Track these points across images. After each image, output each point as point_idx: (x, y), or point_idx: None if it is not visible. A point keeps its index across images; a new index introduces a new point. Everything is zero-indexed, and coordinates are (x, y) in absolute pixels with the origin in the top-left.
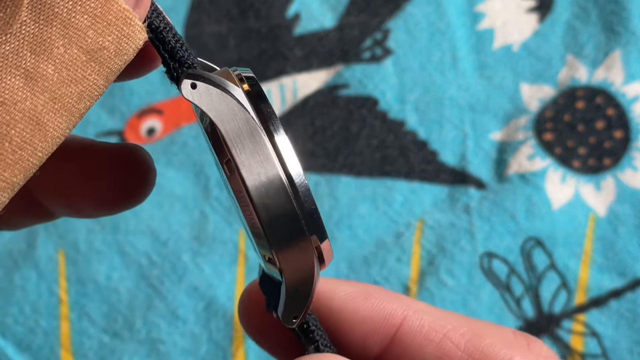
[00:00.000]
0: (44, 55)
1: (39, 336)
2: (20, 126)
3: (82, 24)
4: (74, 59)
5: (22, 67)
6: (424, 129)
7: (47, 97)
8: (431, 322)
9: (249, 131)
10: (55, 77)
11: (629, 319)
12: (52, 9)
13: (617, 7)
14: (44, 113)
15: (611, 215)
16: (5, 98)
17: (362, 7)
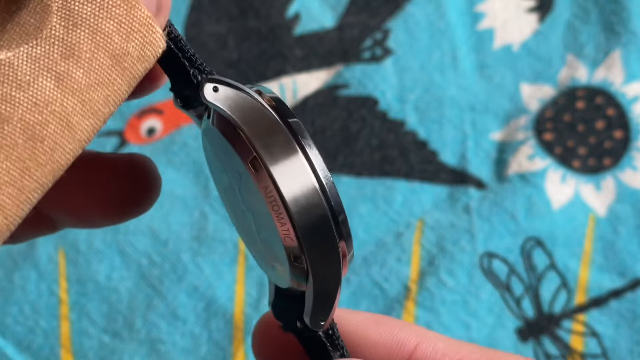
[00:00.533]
0: (73, 59)
1: (39, 336)
2: (52, 127)
3: (108, 29)
4: (101, 63)
5: (53, 70)
6: (424, 129)
7: (76, 99)
8: (444, 349)
9: (275, 131)
10: (83, 81)
11: (629, 319)
12: (80, 15)
13: (617, 7)
14: (73, 115)
15: (611, 215)
16: (38, 99)
17: (362, 7)
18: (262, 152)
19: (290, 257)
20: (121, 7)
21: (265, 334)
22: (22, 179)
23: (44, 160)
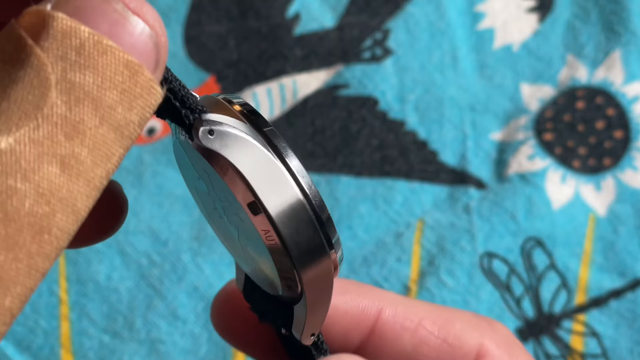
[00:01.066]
0: (78, 139)
1: (39, 336)
2: (59, 216)
3: (112, 100)
4: (105, 138)
5: (58, 154)
6: (424, 129)
7: (81, 181)
8: (405, 312)
9: (269, 168)
10: (89, 160)
11: (629, 319)
12: (82, 88)
13: (617, 7)
14: (79, 198)
15: (611, 215)
16: (44, 189)
17: (362, 7)
18: (263, 200)
19: (284, 279)
20: (124, 74)
21: (227, 306)
22: (29, 276)
23: (50, 250)
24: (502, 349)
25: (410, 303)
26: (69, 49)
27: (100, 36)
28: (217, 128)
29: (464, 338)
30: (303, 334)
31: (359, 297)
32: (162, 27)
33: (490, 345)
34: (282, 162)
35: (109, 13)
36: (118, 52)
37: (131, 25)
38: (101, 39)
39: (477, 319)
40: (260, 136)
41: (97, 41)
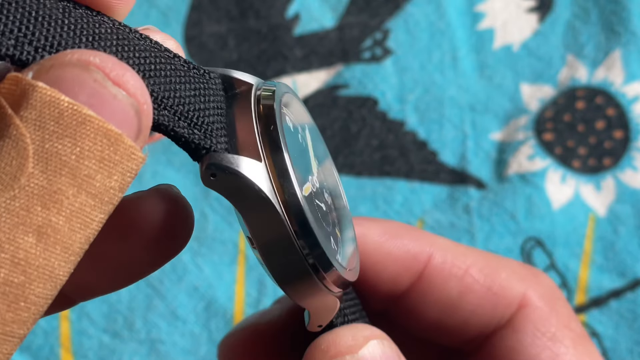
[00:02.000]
0: (54, 208)
1: (39, 336)
2: (36, 284)
3: (91, 169)
4: (83, 206)
5: (34, 224)
6: (424, 129)
7: (59, 249)
8: (453, 259)
9: (262, 209)
10: (66, 228)
11: (629, 319)
12: (59, 158)
13: (617, 7)
14: (56, 265)
15: (611, 215)
16: (20, 258)
17: (362, 7)
18: (253, 237)
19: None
20: (103, 143)
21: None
22: (4, 342)
23: (27, 317)
24: (545, 301)
25: (460, 250)
26: (48, 118)
27: (79, 106)
28: (220, 174)
29: (508, 287)
30: (310, 324)
31: (410, 242)
32: (143, 94)
33: (533, 297)
34: (280, 200)
35: (88, 83)
36: (97, 121)
37: (111, 94)
38: (80, 109)
39: (524, 269)
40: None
41: (76, 111)
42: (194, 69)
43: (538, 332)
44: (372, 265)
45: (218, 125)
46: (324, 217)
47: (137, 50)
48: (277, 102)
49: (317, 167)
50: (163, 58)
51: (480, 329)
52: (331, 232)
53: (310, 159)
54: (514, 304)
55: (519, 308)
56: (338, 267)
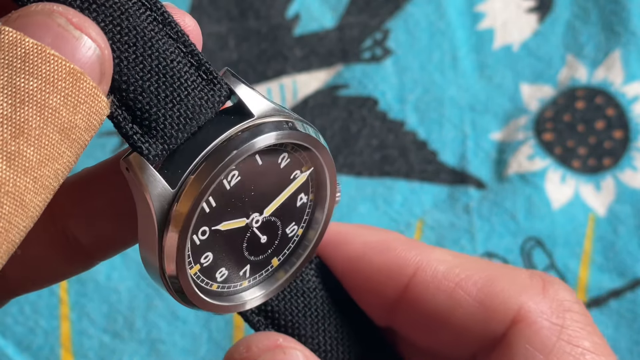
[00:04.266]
0: (23, 138)
1: (39, 336)
2: (7, 208)
3: (56, 103)
4: (50, 139)
5: (4, 150)
6: (424, 129)
7: (28, 178)
8: (444, 272)
9: (147, 227)
10: (34, 158)
11: (629, 319)
12: (26, 91)
13: (617, 7)
14: (26, 193)
15: (611, 215)
16: None
17: (362, 7)
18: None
19: None
20: (67, 80)
21: None
22: None
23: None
24: (548, 315)
25: (456, 261)
26: (14, 57)
27: (43, 46)
28: (130, 172)
29: (503, 301)
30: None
31: (398, 253)
32: (104, 40)
33: (531, 311)
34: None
35: (52, 27)
36: (61, 60)
37: (74, 38)
38: (45, 49)
39: (530, 279)
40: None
41: (41, 50)
42: (197, 69)
43: (530, 349)
44: (353, 273)
45: (167, 133)
46: (254, 246)
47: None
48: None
49: (272, 206)
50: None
51: (476, 345)
52: (254, 260)
53: (261, 198)
54: (507, 319)
55: (512, 323)
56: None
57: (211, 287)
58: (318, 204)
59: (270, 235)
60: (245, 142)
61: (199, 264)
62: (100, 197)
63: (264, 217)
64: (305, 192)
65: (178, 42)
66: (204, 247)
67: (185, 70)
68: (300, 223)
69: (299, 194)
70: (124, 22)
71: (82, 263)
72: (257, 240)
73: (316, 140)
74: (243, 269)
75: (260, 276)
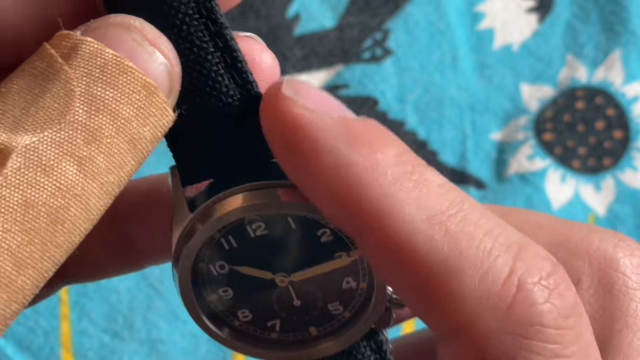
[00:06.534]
0: (95, 144)
1: (39, 336)
2: (73, 211)
3: (128, 114)
4: (120, 148)
5: (76, 155)
6: (424, 129)
7: (95, 183)
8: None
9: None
10: (103, 165)
11: None
12: (102, 100)
13: (617, 7)
14: (92, 198)
15: (611, 215)
16: (61, 184)
17: (362, 7)
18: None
19: None
20: (141, 93)
21: None
22: (42, 261)
23: (62, 241)
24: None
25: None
26: (93, 67)
27: (122, 58)
28: (171, 181)
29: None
30: None
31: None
32: (176, 58)
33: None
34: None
35: (128, 41)
36: (137, 73)
37: (147, 53)
38: (123, 60)
39: (609, 234)
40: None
41: (120, 62)
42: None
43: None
44: None
45: (202, 171)
46: (286, 304)
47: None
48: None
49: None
50: (218, 83)
51: None
52: (286, 318)
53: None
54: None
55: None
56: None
57: (232, 322)
58: (371, 296)
59: (306, 302)
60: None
61: (217, 294)
62: (161, 207)
63: (292, 281)
64: (354, 278)
65: (242, 87)
66: (223, 280)
67: (241, 116)
68: (347, 306)
69: (344, 277)
70: (191, 55)
71: (133, 265)
72: (289, 300)
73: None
74: (272, 322)
75: (292, 337)
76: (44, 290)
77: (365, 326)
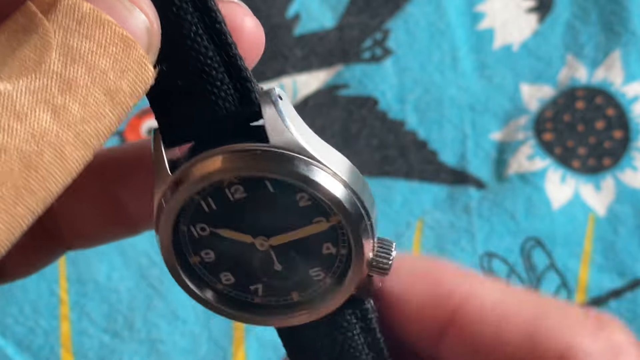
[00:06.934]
0: (70, 93)
1: (39, 336)
2: (46, 157)
3: (105, 66)
4: (96, 98)
5: (51, 103)
6: (424, 129)
7: (70, 132)
8: (492, 305)
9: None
10: (79, 114)
11: (629, 319)
12: (78, 52)
13: (617, 7)
14: (67, 146)
15: (611, 215)
16: (35, 131)
17: (362, 7)
18: None
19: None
20: (118, 45)
21: None
22: (15, 206)
23: (37, 187)
24: (598, 358)
25: (502, 295)
26: (71, 20)
27: (99, 11)
28: (151, 140)
29: (551, 339)
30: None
31: (442, 284)
32: (155, 15)
33: (581, 351)
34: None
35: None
36: (115, 26)
37: (127, 9)
38: (100, 14)
39: (584, 316)
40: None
41: (97, 15)
42: (234, 80)
43: None
44: (400, 306)
45: (182, 130)
46: (268, 268)
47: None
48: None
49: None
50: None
51: None
52: (268, 282)
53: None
54: (554, 358)
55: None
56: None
57: (216, 286)
58: (350, 261)
59: (288, 267)
60: (230, 165)
61: (199, 256)
62: (150, 171)
63: (271, 244)
64: (334, 244)
65: (221, 48)
66: (204, 243)
67: (220, 78)
68: (327, 272)
69: (323, 242)
70: (170, 15)
71: (127, 230)
72: (270, 264)
73: (338, 202)
74: (255, 285)
75: (274, 302)
76: (43, 256)
77: (346, 292)
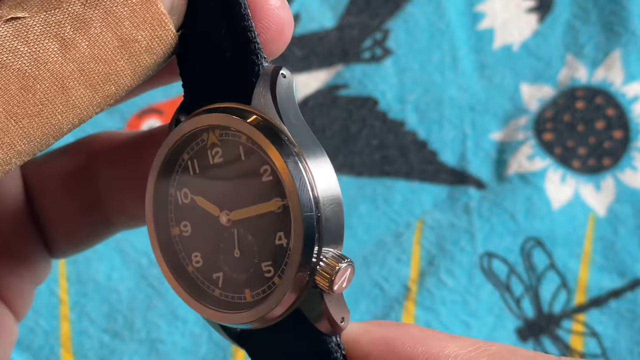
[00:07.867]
0: (81, 31)
1: (39, 336)
2: (46, 83)
3: (121, 14)
4: (107, 42)
5: (60, 36)
6: (424, 129)
7: (75, 66)
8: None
9: None
10: (86, 52)
11: (628, 319)
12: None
13: (617, 7)
14: (70, 79)
15: (611, 215)
16: (39, 56)
17: (362, 7)
18: None
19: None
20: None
21: None
22: (8, 122)
23: (33, 111)
24: None
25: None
26: None
27: None
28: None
29: None
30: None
31: (403, 353)
32: None
33: None
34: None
35: None
36: None
37: None
38: None
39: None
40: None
41: None
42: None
43: None
44: None
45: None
46: (228, 254)
47: None
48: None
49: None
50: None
51: None
52: (228, 273)
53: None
54: None
55: None
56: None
57: (187, 267)
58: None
59: (245, 255)
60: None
61: (178, 228)
62: (130, 164)
63: (232, 220)
64: (286, 235)
65: (233, 24)
66: (184, 212)
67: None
68: (277, 268)
69: (277, 231)
70: None
71: (103, 228)
72: (231, 248)
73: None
74: (217, 274)
75: (230, 298)
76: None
77: (288, 295)
